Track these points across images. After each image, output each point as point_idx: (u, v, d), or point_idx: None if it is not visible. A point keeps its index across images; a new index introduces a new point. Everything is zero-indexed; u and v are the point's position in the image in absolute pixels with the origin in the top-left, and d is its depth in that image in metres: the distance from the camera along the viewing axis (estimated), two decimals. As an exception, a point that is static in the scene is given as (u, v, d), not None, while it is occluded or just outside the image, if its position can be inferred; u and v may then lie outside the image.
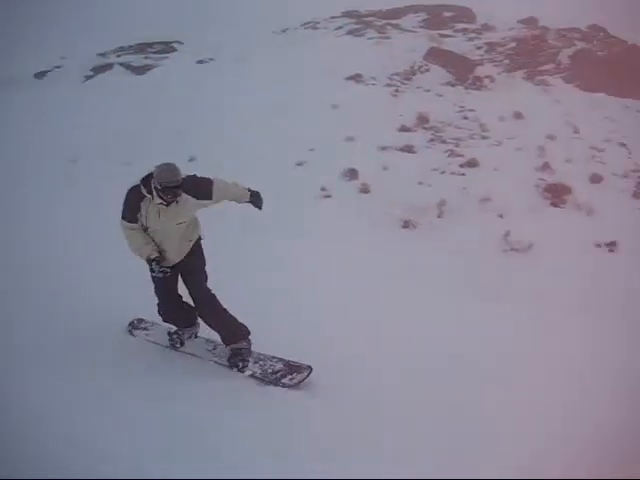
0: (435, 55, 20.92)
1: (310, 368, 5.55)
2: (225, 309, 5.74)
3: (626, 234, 10.30)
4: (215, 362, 5.97)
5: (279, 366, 5.72)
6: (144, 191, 5.34)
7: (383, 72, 19.73)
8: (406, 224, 10.77)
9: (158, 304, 5.99)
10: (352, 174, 12.37)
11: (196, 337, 6.27)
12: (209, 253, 5.97)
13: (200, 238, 5.91)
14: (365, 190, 11.93)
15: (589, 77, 20.98)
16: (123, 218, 5.54)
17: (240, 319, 5.84)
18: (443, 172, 12.66)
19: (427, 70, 20.31)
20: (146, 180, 5.35)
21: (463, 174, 12.53)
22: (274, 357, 5.82)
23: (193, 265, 5.82)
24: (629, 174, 12.98)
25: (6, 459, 4.34)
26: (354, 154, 13.15)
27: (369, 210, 11.16)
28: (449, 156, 13.44)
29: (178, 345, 6.23)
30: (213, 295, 5.75)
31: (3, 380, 5.42)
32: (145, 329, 6.61)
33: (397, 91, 18.38)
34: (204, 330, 6.20)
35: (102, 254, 8.50)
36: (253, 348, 5.85)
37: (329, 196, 11.85)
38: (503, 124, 15.65)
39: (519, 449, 4.88)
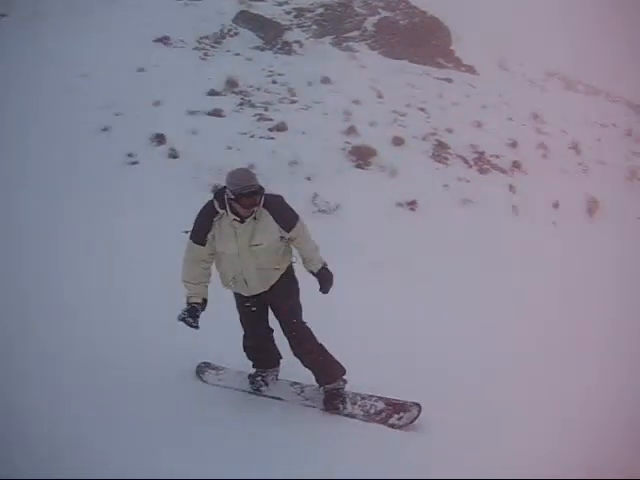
0: (244, 19, 20.74)
1: (419, 406, 4.73)
2: (322, 345, 4.89)
3: (425, 193, 10.89)
4: (306, 405, 5.10)
5: (381, 405, 4.90)
6: (217, 206, 4.49)
7: (192, 35, 19.21)
8: (215, 189, 10.56)
9: (244, 337, 5.11)
10: (160, 139, 11.91)
11: (277, 379, 5.33)
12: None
13: (292, 266, 4.91)
14: (173, 155, 11.55)
15: (392, 44, 21.91)
16: (190, 238, 4.64)
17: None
18: (252, 136, 12.59)
19: (236, 34, 20.11)
20: (219, 193, 4.54)
21: (272, 138, 12.55)
22: (372, 396, 5.00)
23: (283, 296, 4.84)
24: (428, 137, 13.72)
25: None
26: (162, 119, 12.67)
27: (178, 176, 10.83)
28: (258, 120, 13.40)
29: (263, 388, 5.22)
30: (309, 329, 4.88)
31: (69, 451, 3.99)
32: (216, 372, 5.55)
33: (206, 55, 18.07)
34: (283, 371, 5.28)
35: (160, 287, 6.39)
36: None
37: (136, 162, 11.32)
38: (311, 88, 15.88)
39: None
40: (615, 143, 20.03)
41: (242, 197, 4.31)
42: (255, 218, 4.44)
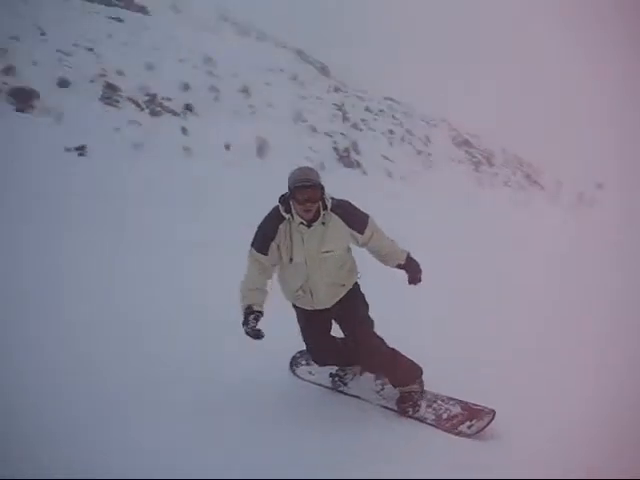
0: None
1: (493, 412, 4.41)
2: (394, 349, 4.50)
3: (95, 138, 10.55)
4: (382, 406, 4.75)
5: (456, 410, 4.60)
6: (282, 210, 4.12)
7: None
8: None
9: (307, 349, 4.73)
10: None
11: (361, 374, 4.96)
12: None
13: (358, 284, 4.52)
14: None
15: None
16: (252, 245, 4.22)
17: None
18: None
19: None
20: (284, 198, 4.13)
21: None
22: (451, 399, 4.68)
23: (350, 308, 4.45)
24: (96, 79, 13.22)
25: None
26: None
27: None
28: None
29: (342, 387, 4.91)
30: (381, 340, 4.49)
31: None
32: (308, 364, 5.22)
33: None
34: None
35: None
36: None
37: None
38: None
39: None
40: (282, 87, 21.43)
41: (297, 190, 4.01)
42: (323, 223, 4.19)
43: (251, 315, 4.20)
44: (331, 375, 5.06)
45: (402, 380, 4.71)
